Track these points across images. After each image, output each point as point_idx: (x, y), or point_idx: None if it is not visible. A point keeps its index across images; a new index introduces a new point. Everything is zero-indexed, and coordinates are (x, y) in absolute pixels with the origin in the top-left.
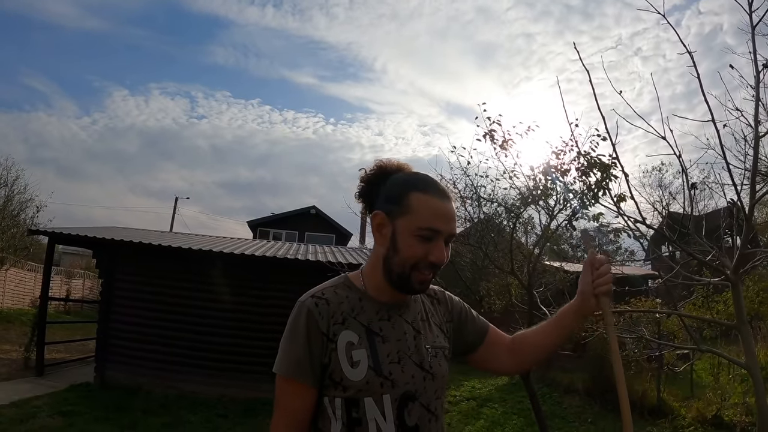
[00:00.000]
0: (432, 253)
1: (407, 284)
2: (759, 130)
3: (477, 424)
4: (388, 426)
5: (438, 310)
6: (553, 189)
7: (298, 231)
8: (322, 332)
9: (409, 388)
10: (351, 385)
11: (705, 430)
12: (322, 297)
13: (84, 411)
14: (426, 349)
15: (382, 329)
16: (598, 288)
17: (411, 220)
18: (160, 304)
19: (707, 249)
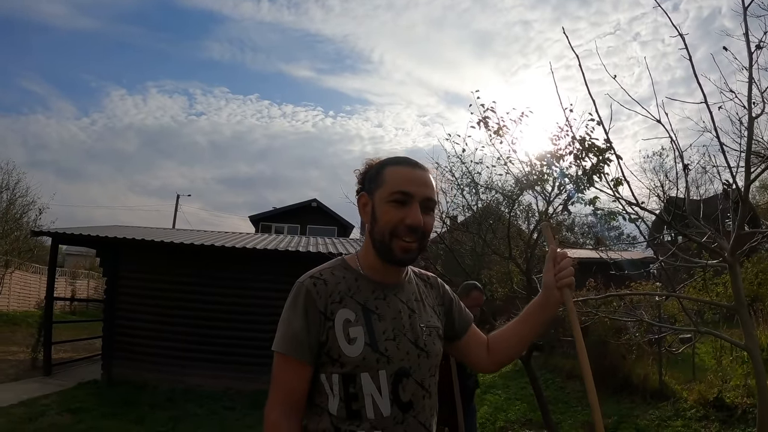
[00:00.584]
0: (408, 216)
1: (390, 253)
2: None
3: (481, 410)
4: (384, 401)
5: (431, 293)
6: (549, 174)
7: (300, 224)
8: (320, 311)
9: (403, 364)
10: (348, 361)
11: (707, 412)
12: (320, 277)
13: (92, 408)
14: (420, 327)
15: (378, 307)
16: (561, 281)
17: (384, 189)
18: (165, 300)
19: (705, 231)
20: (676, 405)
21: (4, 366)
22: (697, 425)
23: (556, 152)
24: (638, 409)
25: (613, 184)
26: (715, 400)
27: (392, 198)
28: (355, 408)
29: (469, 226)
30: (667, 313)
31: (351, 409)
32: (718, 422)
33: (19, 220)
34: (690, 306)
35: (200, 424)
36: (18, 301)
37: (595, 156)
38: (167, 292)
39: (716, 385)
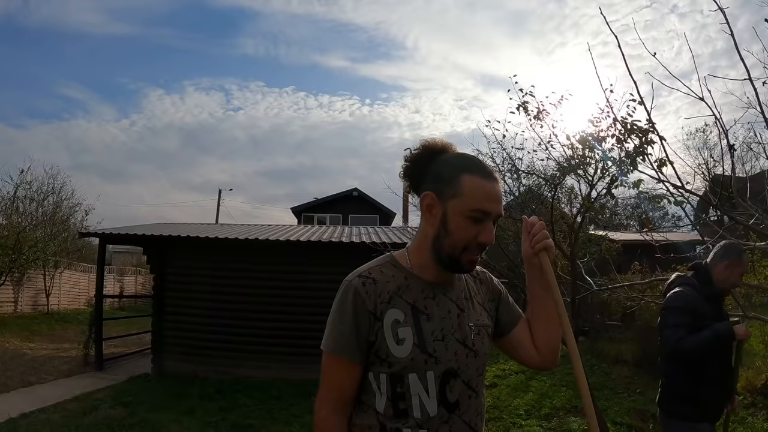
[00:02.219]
0: (481, 234)
1: (457, 265)
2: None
3: (526, 397)
4: (431, 401)
5: (481, 289)
6: (591, 157)
7: (342, 214)
8: (369, 311)
9: (451, 365)
10: (396, 362)
11: (754, 399)
12: (369, 276)
13: (144, 400)
14: (469, 327)
15: (427, 307)
16: (536, 246)
17: (463, 202)
18: (211, 293)
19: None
20: None
21: (57, 363)
22: (744, 413)
23: (598, 134)
24: None
25: (657, 165)
26: (763, 387)
27: (471, 215)
28: (402, 407)
29: (512, 212)
30: None
31: (398, 408)
32: (766, 410)
33: (66, 222)
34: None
35: (249, 414)
36: (68, 299)
37: (637, 137)
38: (213, 286)
39: (764, 372)
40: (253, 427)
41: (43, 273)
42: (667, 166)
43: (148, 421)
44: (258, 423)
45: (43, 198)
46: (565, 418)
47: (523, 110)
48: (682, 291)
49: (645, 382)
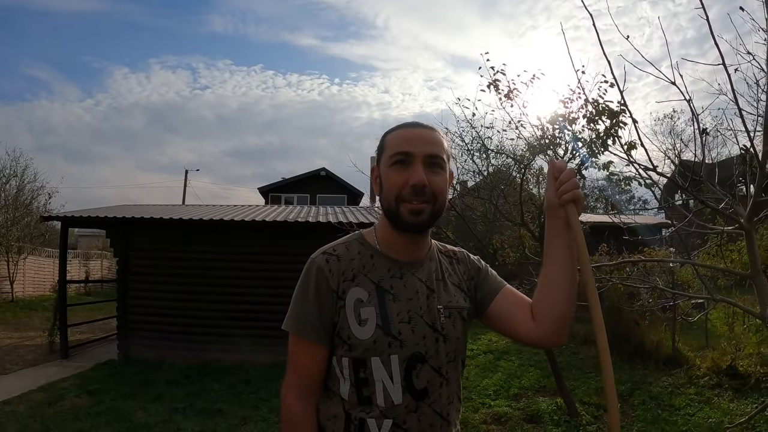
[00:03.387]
0: (411, 178)
1: (399, 218)
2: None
3: (494, 377)
4: (395, 388)
5: (457, 269)
6: (561, 138)
7: (310, 194)
8: (332, 289)
9: (418, 349)
10: (358, 344)
11: (720, 380)
12: (333, 253)
13: (110, 388)
14: (438, 309)
15: (393, 287)
16: (563, 196)
17: (386, 155)
18: (177, 276)
19: (720, 197)
20: (689, 372)
21: (22, 352)
22: (710, 393)
23: (568, 115)
24: (651, 376)
25: (627, 147)
26: (728, 368)
27: (393, 161)
28: (366, 394)
29: (480, 192)
30: (680, 280)
31: (362, 394)
32: (731, 391)
33: (29, 206)
34: (704, 273)
35: (217, 398)
36: (33, 286)
37: (608, 119)
38: (179, 269)
39: (729, 353)
40: (222, 411)
41: (7, 259)
42: (637, 149)
43: (115, 409)
44: (226, 407)
45: (5, 181)
46: (534, 398)
47: (494, 89)
48: None
49: (612, 362)
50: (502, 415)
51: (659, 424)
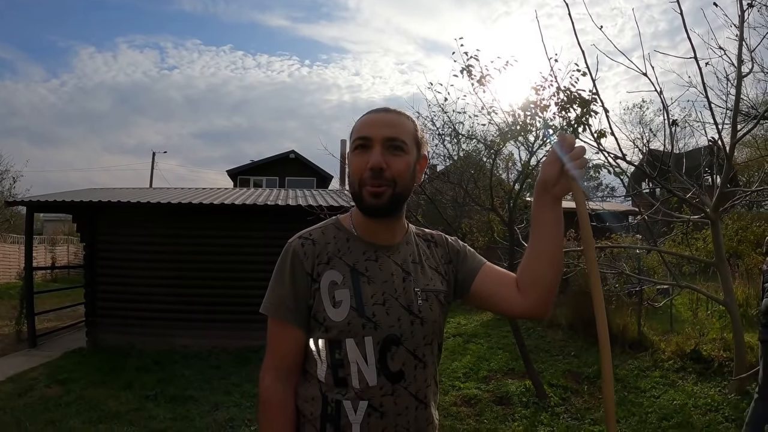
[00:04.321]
0: (370, 161)
1: (361, 201)
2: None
3: (464, 359)
4: (370, 369)
5: (435, 252)
6: (532, 125)
7: (278, 177)
8: (307, 272)
9: (393, 331)
10: (333, 326)
11: (684, 363)
12: (308, 238)
13: (80, 377)
14: (415, 291)
15: (368, 270)
16: (573, 171)
17: (352, 140)
18: (145, 261)
19: (687, 186)
20: (654, 356)
21: None
22: (674, 376)
23: (540, 102)
24: (617, 359)
25: (597, 136)
26: (692, 352)
27: (355, 146)
28: (341, 375)
29: (450, 176)
30: (646, 266)
31: (337, 376)
32: (695, 374)
33: None
34: (670, 260)
35: (188, 384)
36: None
37: (579, 107)
38: (147, 253)
39: (693, 338)
40: (193, 398)
41: None
42: (607, 138)
43: (86, 398)
44: (197, 394)
45: None
46: (503, 381)
47: (467, 74)
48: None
49: (579, 346)
50: (471, 397)
51: (626, 405)
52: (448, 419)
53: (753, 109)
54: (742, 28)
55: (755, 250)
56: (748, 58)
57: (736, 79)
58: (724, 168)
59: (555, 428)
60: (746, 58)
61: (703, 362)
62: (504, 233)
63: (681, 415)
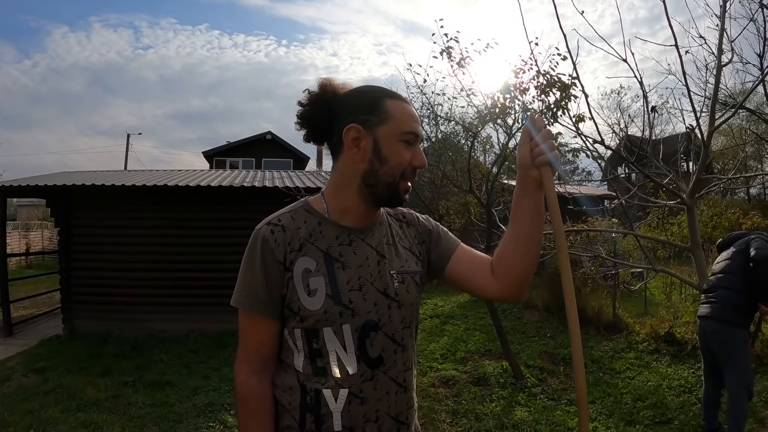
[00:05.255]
0: (415, 158)
1: (396, 194)
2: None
3: (441, 341)
4: (349, 357)
5: (408, 232)
6: (511, 108)
7: (255, 158)
8: (279, 261)
9: (371, 317)
10: (309, 315)
11: (658, 346)
12: (278, 224)
13: (58, 365)
14: (390, 274)
15: (342, 255)
16: (539, 158)
17: (393, 126)
18: (121, 245)
19: (664, 172)
20: (629, 338)
21: None
22: (649, 358)
23: (519, 85)
24: (592, 340)
25: (576, 120)
26: (666, 334)
27: (404, 138)
28: (320, 365)
29: (428, 158)
30: (622, 249)
31: (316, 365)
32: (669, 356)
33: None
34: (645, 244)
35: (166, 370)
36: None
37: (559, 91)
38: (123, 237)
39: (667, 320)
40: (172, 383)
41: None
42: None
43: (64, 387)
44: (176, 379)
45: None
46: (480, 362)
47: (447, 56)
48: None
49: (554, 327)
50: (449, 378)
51: (601, 386)
52: (427, 400)
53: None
54: (723, 18)
55: None
56: (728, 48)
57: (715, 68)
58: (701, 155)
59: (532, 408)
60: (726, 48)
61: (676, 344)
62: (481, 215)
63: (655, 396)
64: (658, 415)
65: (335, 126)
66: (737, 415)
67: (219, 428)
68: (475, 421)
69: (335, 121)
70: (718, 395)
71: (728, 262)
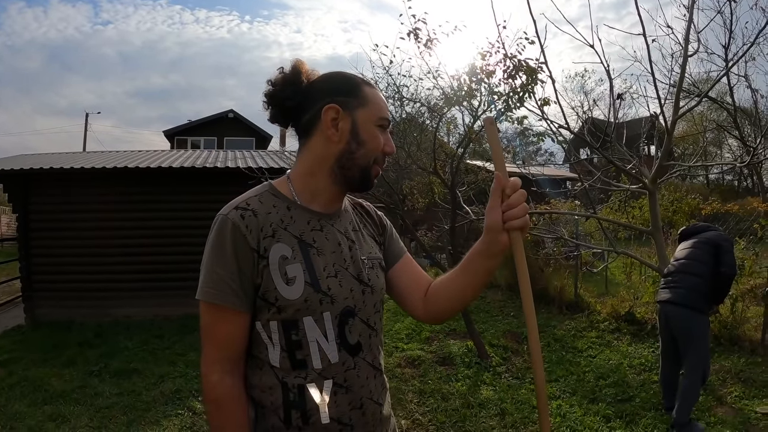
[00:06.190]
0: (387, 144)
1: (368, 178)
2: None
3: (405, 321)
4: (331, 346)
5: (367, 221)
6: (477, 90)
7: (217, 137)
8: (252, 248)
9: (348, 303)
10: (288, 305)
11: (619, 325)
12: (247, 208)
13: (21, 356)
14: (362, 260)
15: (316, 240)
16: (510, 222)
17: (371, 111)
18: (81, 230)
19: (628, 158)
20: (591, 317)
21: None
22: (610, 337)
23: (486, 68)
24: (555, 319)
25: (541, 103)
26: (627, 314)
27: (380, 123)
28: (300, 357)
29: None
30: (584, 231)
31: (295, 359)
32: (630, 335)
33: None
34: (606, 226)
35: (132, 357)
36: None
37: (525, 74)
38: (83, 221)
39: (628, 300)
40: (138, 371)
41: None
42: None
43: (29, 379)
44: (142, 366)
45: None
46: (445, 341)
47: (414, 37)
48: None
49: (517, 306)
50: (415, 358)
51: (564, 365)
52: (393, 381)
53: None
54: (692, 9)
55: (689, 220)
56: (695, 38)
57: (681, 57)
58: (665, 142)
59: (497, 387)
60: (692, 38)
61: (636, 324)
62: (445, 195)
63: (617, 374)
64: (620, 393)
65: (306, 107)
66: (689, 394)
67: (188, 415)
68: (442, 401)
69: (307, 103)
70: (676, 374)
71: (692, 250)
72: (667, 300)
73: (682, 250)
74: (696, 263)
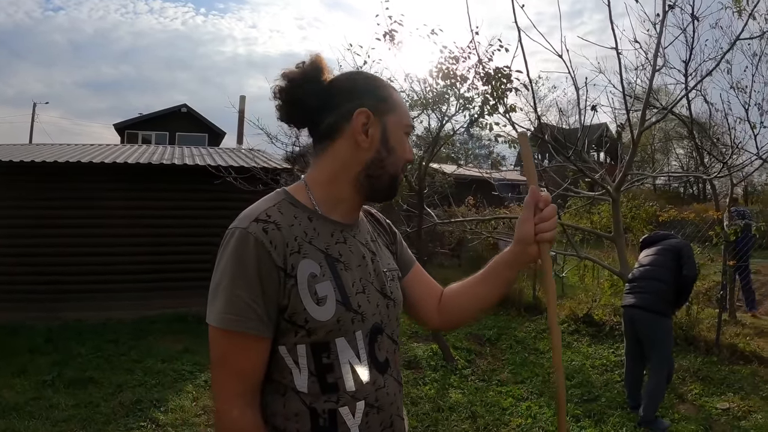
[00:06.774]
0: (410, 151)
1: (395, 187)
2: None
3: None
4: (363, 366)
5: (380, 231)
6: (449, 94)
7: (169, 131)
8: (278, 266)
9: (376, 319)
10: (319, 327)
11: (578, 327)
12: (269, 220)
13: None
14: (384, 272)
15: (342, 254)
16: (541, 235)
17: (400, 117)
18: (27, 228)
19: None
20: None
21: None
22: (569, 338)
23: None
24: (515, 321)
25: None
26: (585, 316)
27: (407, 130)
28: (332, 381)
29: None
30: None
31: (326, 383)
32: (589, 336)
33: None
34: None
35: (86, 364)
36: None
37: (497, 81)
38: (29, 218)
39: (586, 303)
40: (93, 380)
41: None
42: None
43: None
44: (98, 375)
45: None
46: (409, 345)
47: (390, 39)
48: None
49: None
50: None
51: (528, 366)
52: None
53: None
54: (662, 26)
55: (646, 226)
56: (660, 54)
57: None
58: (630, 152)
59: (465, 390)
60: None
61: (595, 326)
62: (408, 197)
63: (581, 374)
64: (585, 393)
65: (329, 108)
66: (655, 393)
67: (151, 428)
68: (412, 405)
69: (330, 103)
70: (641, 373)
71: (656, 257)
72: (633, 305)
73: (647, 256)
74: (660, 269)
